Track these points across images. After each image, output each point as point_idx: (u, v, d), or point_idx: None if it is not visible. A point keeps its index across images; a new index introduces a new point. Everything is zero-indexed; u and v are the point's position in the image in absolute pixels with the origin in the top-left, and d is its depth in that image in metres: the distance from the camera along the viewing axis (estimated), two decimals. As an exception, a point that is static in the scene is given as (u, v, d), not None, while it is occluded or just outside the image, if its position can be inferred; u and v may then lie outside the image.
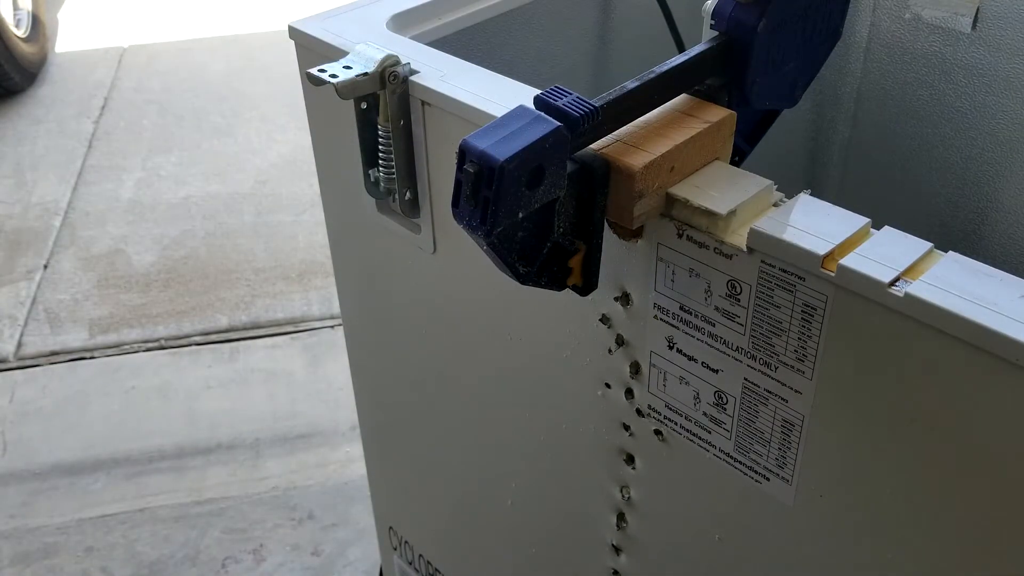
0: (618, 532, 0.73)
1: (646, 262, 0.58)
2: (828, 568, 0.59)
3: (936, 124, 1.00)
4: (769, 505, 0.59)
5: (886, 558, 0.55)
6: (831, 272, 0.49)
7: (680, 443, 0.63)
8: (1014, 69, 0.92)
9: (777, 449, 0.57)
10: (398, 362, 0.92)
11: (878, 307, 0.47)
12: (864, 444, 0.52)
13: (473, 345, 0.79)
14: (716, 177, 0.56)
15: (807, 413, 0.54)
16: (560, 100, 0.50)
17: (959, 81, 0.96)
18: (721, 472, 0.61)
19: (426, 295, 0.81)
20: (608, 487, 0.71)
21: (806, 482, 0.57)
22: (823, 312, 0.50)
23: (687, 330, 0.58)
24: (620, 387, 0.65)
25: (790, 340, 0.52)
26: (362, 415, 1.05)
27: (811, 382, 0.53)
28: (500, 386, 0.78)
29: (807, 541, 0.59)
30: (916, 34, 0.98)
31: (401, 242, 0.79)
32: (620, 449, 0.68)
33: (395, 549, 1.15)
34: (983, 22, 0.92)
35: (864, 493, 0.54)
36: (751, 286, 0.53)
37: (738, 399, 0.57)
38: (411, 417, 0.96)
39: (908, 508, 0.52)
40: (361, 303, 0.93)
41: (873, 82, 1.03)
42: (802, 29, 0.63)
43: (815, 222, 0.51)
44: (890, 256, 0.48)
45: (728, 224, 0.53)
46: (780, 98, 0.65)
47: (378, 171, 0.72)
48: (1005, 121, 0.94)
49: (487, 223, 0.50)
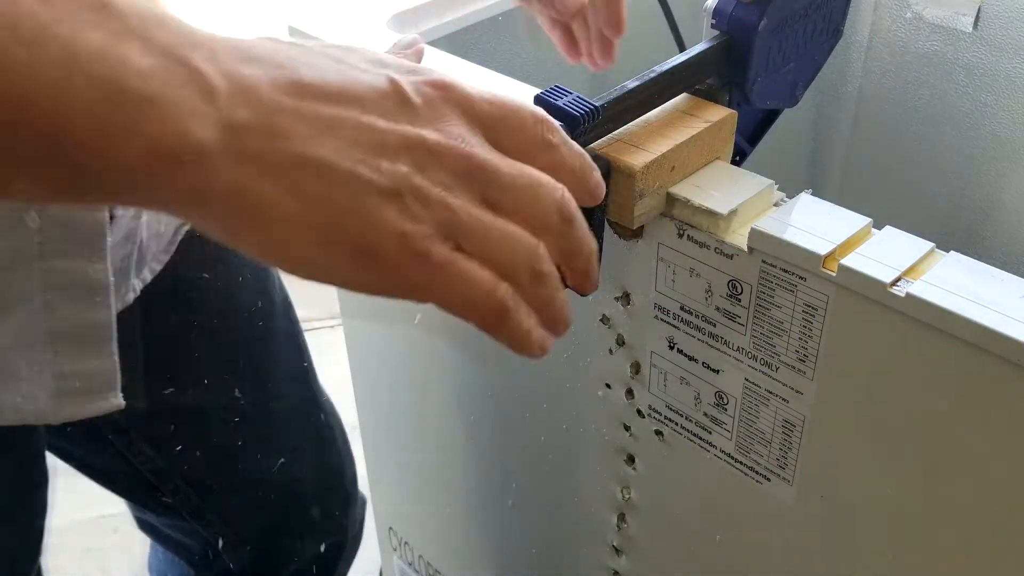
0: (618, 532, 0.73)
1: (646, 262, 0.58)
2: (828, 568, 0.59)
3: (937, 124, 1.00)
4: (770, 505, 0.59)
5: (886, 558, 0.55)
6: (832, 272, 0.48)
7: (681, 443, 0.63)
8: (1016, 69, 0.91)
9: (778, 450, 0.57)
10: (398, 362, 0.92)
11: (879, 307, 0.47)
12: (865, 444, 0.52)
13: (472, 345, 0.79)
14: (717, 177, 0.56)
15: (808, 413, 0.54)
16: (560, 99, 0.50)
17: (961, 80, 0.96)
18: (722, 473, 0.61)
19: (426, 295, 0.81)
20: (608, 487, 0.71)
21: (807, 483, 0.56)
22: (824, 312, 0.50)
23: (688, 330, 0.58)
24: (620, 387, 0.65)
25: (791, 340, 0.52)
26: (362, 415, 1.05)
27: (812, 382, 0.53)
28: (500, 386, 0.78)
29: (807, 541, 0.59)
30: (917, 33, 0.97)
31: (401, 242, 0.79)
32: (620, 449, 0.68)
33: (395, 550, 1.15)
34: (985, 22, 0.92)
35: (864, 493, 0.54)
36: (752, 286, 0.53)
37: (739, 399, 0.57)
38: (411, 417, 0.96)
39: (908, 508, 0.52)
40: (361, 303, 0.93)
41: (874, 81, 1.03)
42: (803, 28, 0.63)
43: (816, 222, 0.51)
44: (891, 256, 0.48)
45: (729, 224, 0.53)
46: (781, 97, 0.65)
47: (378, 171, 0.72)
48: (1007, 121, 0.94)
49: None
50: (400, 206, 0.34)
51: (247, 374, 0.71)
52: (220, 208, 0.32)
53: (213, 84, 0.30)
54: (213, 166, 0.31)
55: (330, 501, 0.88)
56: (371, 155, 0.34)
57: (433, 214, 0.34)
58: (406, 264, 0.34)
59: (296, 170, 0.32)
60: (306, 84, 0.33)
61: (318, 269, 0.34)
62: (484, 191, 0.36)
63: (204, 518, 0.78)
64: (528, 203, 0.37)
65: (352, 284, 0.35)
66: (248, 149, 0.31)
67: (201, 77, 0.30)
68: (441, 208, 0.35)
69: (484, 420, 0.84)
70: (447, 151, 0.35)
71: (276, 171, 0.32)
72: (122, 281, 0.63)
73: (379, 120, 0.34)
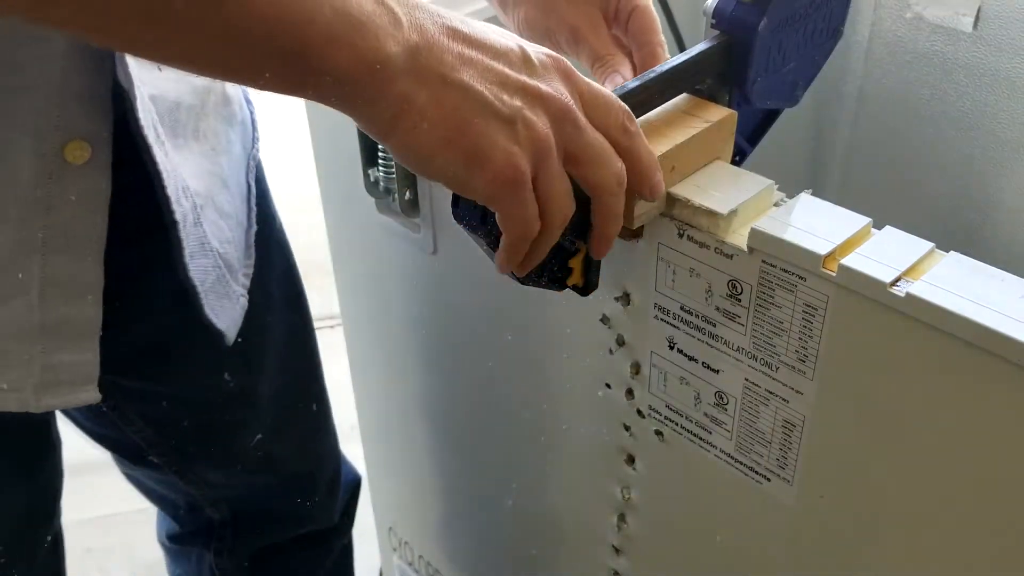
0: (618, 532, 0.73)
1: (646, 262, 0.58)
2: (828, 568, 0.59)
3: (938, 124, 1.00)
4: (770, 506, 0.59)
5: (886, 558, 0.55)
6: (832, 272, 0.48)
7: (681, 444, 0.63)
8: (1016, 68, 0.91)
9: (778, 450, 0.57)
10: (398, 362, 0.92)
11: (879, 307, 0.47)
12: (865, 444, 0.52)
13: (473, 345, 0.79)
14: (717, 177, 0.56)
15: (808, 413, 0.54)
16: (560, 99, 0.50)
17: (961, 80, 0.96)
18: (722, 473, 0.61)
19: (426, 295, 0.81)
20: (609, 487, 0.71)
21: (807, 483, 0.56)
22: (824, 312, 0.50)
23: (688, 330, 0.58)
24: (620, 387, 0.65)
25: (791, 340, 0.52)
26: (362, 415, 1.05)
27: (812, 382, 0.53)
28: (500, 386, 0.78)
29: (807, 542, 0.59)
30: (918, 33, 0.97)
31: (401, 242, 0.79)
32: (620, 449, 0.68)
33: (395, 550, 1.15)
34: (985, 22, 0.92)
35: (864, 493, 0.54)
36: (752, 286, 0.53)
37: (739, 400, 0.57)
38: (411, 417, 0.96)
39: (908, 508, 0.52)
40: (361, 303, 0.93)
41: (874, 81, 1.03)
42: (803, 28, 0.63)
43: (816, 222, 0.51)
44: (891, 256, 0.48)
45: (729, 224, 0.53)
46: (781, 97, 0.65)
47: (378, 171, 0.72)
48: (1007, 121, 0.94)
49: (487, 223, 0.50)
50: (512, 130, 0.44)
51: (237, 362, 0.77)
52: (387, 108, 0.43)
53: (399, 17, 0.42)
54: (393, 75, 0.42)
55: (309, 486, 0.93)
56: (497, 88, 0.44)
57: (532, 143, 0.45)
58: (503, 173, 0.44)
59: (444, 87, 0.43)
60: (457, 30, 0.44)
61: (435, 165, 0.44)
62: (570, 142, 0.46)
63: (187, 477, 0.85)
64: (597, 164, 0.47)
65: (455, 180, 0.45)
66: (415, 66, 0.42)
67: (392, 12, 0.42)
68: (539, 140, 0.45)
69: (484, 420, 0.84)
70: (552, 99, 0.46)
71: (431, 85, 0.43)
72: (224, 288, 0.70)
73: (506, 67, 0.45)
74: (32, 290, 0.57)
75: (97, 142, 0.57)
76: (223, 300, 0.70)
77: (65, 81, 0.54)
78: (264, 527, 0.93)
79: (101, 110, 0.57)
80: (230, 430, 0.81)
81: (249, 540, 0.93)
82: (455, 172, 0.44)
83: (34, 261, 0.57)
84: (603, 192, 0.49)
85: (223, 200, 0.70)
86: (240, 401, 0.79)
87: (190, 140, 0.66)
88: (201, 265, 0.66)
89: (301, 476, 0.91)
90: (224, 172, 0.70)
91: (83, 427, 0.83)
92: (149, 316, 0.70)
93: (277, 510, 0.92)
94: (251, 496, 0.89)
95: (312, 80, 0.42)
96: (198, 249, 0.66)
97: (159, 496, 0.93)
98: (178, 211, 0.62)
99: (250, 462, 0.84)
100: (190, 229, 0.64)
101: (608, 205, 0.49)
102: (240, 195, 0.73)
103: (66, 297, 0.59)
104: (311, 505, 0.93)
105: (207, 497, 0.88)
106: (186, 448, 0.81)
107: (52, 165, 0.55)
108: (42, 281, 0.57)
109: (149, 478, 0.90)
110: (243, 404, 0.80)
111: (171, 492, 0.90)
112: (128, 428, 0.78)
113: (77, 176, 0.56)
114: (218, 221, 0.69)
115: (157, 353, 0.73)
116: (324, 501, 0.94)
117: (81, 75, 0.55)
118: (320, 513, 0.95)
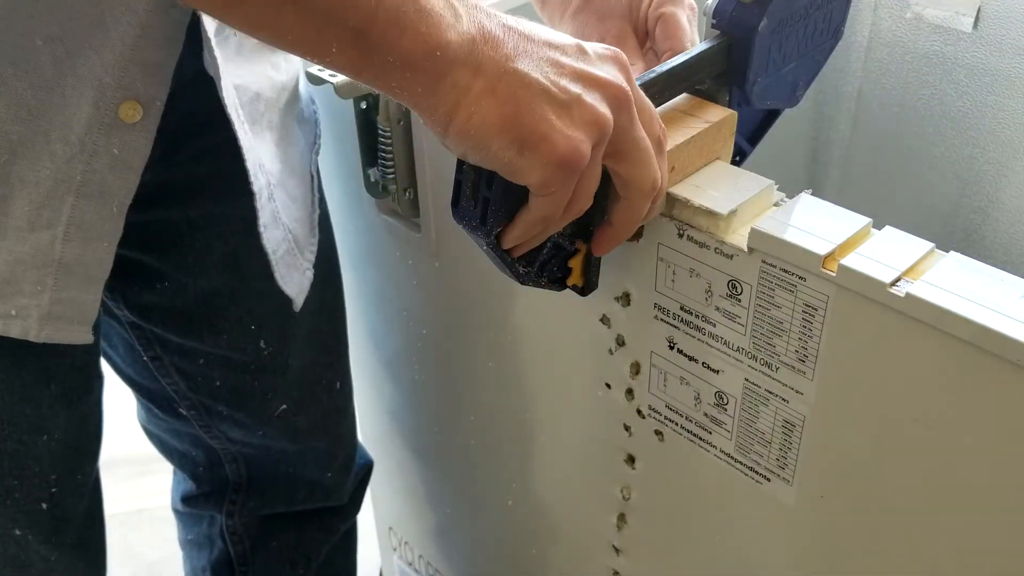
0: (618, 532, 0.73)
1: (646, 262, 0.58)
2: (828, 568, 0.59)
3: (937, 123, 1.00)
4: (769, 506, 0.59)
5: (886, 558, 0.55)
6: (832, 272, 0.48)
7: (681, 444, 0.63)
8: (1015, 68, 0.92)
9: (778, 450, 0.57)
10: (398, 362, 0.92)
11: (879, 307, 0.47)
12: (864, 444, 0.52)
13: (473, 345, 0.79)
14: (717, 177, 0.56)
15: (808, 413, 0.54)
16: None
17: (960, 80, 0.96)
18: (722, 473, 0.61)
19: (426, 295, 0.81)
20: (608, 487, 0.71)
21: (807, 483, 0.56)
22: (824, 312, 0.50)
23: (687, 330, 0.58)
24: (620, 387, 0.65)
25: (791, 340, 0.52)
26: (362, 415, 1.05)
27: (812, 382, 0.53)
28: (500, 386, 0.78)
29: (807, 542, 0.59)
30: (917, 33, 0.97)
31: (401, 242, 0.79)
32: (620, 449, 0.68)
33: (395, 550, 1.15)
34: (984, 21, 0.92)
35: (864, 493, 0.54)
36: (752, 286, 0.53)
37: (739, 399, 0.57)
38: (411, 417, 0.96)
39: (908, 508, 0.52)
40: (361, 302, 0.93)
41: (874, 81, 1.03)
42: (803, 29, 0.63)
43: (816, 222, 0.51)
44: (891, 256, 0.48)
45: (729, 224, 0.53)
46: (781, 98, 0.65)
47: (378, 171, 0.72)
48: (1007, 120, 0.94)
49: (487, 223, 0.50)
50: (569, 115, 0.45)
51: (273, 333, 0.82)
52: (445, 94, 0.45)
53: (460, 13, 0.45)
54: (451, 63, 0.44)
55: (324, 459, 0.96)
56: (553, 75, 0.46)
57: (590, 126, 0.46)
58: (562, 156, 0.45)
59: (501, 75, 0.45)
60: (513, 27, 0.47)
61: (491, 151, 0.46)
62: (621, 133, 0.47)
63: (211, 431, 0.89)
64: (640, 163, 0.49)
65: (510, 166, 0.46)
66: (473, 56, 0.44)
67: (454, 8, 0.45)
68: (599, 122, 0.46)
69: (484, 420, 0.84)
70: (610, 84, 0.47)
71: (487, 74, 0.45)
72: (294, 260, 0.76)
73: (561, 56, 0.47)
74: (59, 226, 0.61)
75: (150, 107, 0.61)
76: (291, 271, 0.76)
77: (137, 47, 0.59)
78: (278, 492, 0.96)
79: (160, 80, 0.61)
80: (257, 396, 0.85)
81: (262, 503, 0.96)
82: (511, 158, 0.46)
83: (67, 200, 0.61)
84: (635, 192, 0.49)
85: (291, 184, 0.75)
86: (271, 370, 0.84)
87: (264, 130, 0.71)
88: (274, 236, 0.72)
89: (319, 450, 0.94)
90: (293, 161, 0.75)
91: (122, 373, 0.88)
92: (215, 272, 0.77)
93: (292, 476, 0.95)
94: (268, 459, 0.93)
95: (376, 59, 0.44)
96: (271, 221, 0.71)
97: (180, 453, 0.96)
98: (255, 184, 0.68)
99: (271, 428, 0.88)
100: (265, 203, 0.70)
101: (636, 206, 0.50)
102: (305, 183, 0.78)
103: (86, 240, 0.63)
104: (324, 479, 0.96)
105: (228, 453, 0.92)
106: (215, 407, 0.85)
107: (106, 117, 0.60)
108: (69, 220, 0.61)
109: (174, 432, 0.93)
110: (273, 372, 0.84)
111: (193, 447, 0.93)
112: (164, 379, 0.84)
113: (125, 133, 0.61)
114: (287, 201, 0.74)
115: (209, 311, 0.79)
116: (337, 477, 0.97)
117: (152, 47, 0.59)
118: (332, 488, 0.97)
